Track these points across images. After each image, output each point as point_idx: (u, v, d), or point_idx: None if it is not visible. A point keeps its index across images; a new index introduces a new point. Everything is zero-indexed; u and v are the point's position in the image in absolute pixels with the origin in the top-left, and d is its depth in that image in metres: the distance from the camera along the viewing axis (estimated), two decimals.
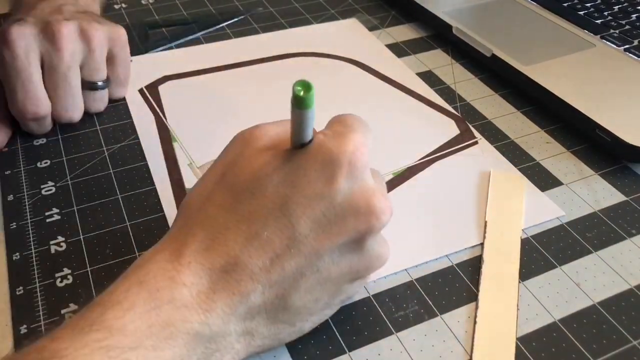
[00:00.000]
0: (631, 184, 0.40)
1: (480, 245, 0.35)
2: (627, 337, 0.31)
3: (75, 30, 0.40)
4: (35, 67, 0.39)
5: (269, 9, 0.61)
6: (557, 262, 0.35)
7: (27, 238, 0.35)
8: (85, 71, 0.42)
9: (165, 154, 0.42)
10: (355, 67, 0.52)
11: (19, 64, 0.38)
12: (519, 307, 0.32)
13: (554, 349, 0.30)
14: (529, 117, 0.46)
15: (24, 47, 0.38)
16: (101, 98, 0.44)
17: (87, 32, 0.41)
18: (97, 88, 0.43)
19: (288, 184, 0.25)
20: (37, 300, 0.31)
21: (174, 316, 0.23)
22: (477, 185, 0.39)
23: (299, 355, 0.29)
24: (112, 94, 0.46)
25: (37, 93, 0.40)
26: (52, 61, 0.39)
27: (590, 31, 0.53)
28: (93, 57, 0.41)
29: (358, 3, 0.62)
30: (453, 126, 0.45)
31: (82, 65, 0.41)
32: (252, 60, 0.52)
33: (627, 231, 0.37)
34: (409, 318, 0.31)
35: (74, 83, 0.41)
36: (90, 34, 0.41)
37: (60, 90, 0.40)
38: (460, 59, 0.53)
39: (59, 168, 0.40)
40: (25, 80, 0.39)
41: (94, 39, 0.41)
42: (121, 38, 0.44)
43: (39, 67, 0.39)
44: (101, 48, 0.42)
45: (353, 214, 0.25)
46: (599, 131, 0.42)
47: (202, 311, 0.24)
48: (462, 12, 0.56)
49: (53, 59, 0.39)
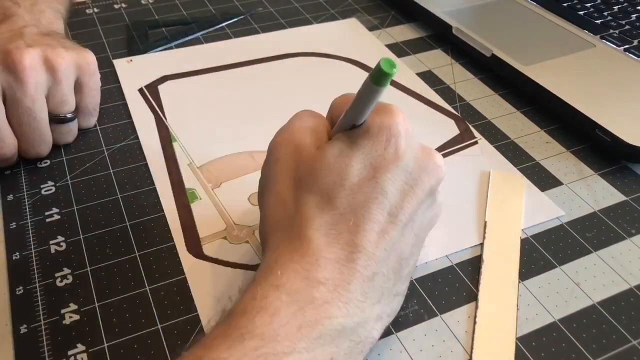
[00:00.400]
0: (631, 184, 0.40)
1: (480, 245, 0.35)
2: (627, 337, 0.31)
3: (39, 59, 0.37)
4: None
5: (269, 9, 0.61)
6: (556, 262, 0.35)
7: (27, 238, 0.35)
8: (51, 103, 0.38)
9: (165, 154, 0.42)
10: (355, 67, 0.52)
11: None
12: (518, 307, 0.32)
13: (553, 349, 0.30)
14: (528, 117, 0.46)
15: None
16: (69, 131, 0.41)
17: (52, 61, 0.37)
18: (65, 121, 0.40)
19: (369, 167, 0.27)
20: (37, 300, 0.31)
21: (319, 315, 0.23)
22: (477, 185, 0.39)
23: None
24: (80, 124, 0.42)
25: (2, 133, 0.36)
26: (14, 95, 0.36)
27: (590, 31, 0.53)
28: (59, 88, 0.38)
29: (358, 3, 0.62)
30: (453, 126, 0.45)
31: (48, 96, 0.38)
32: (252, 60, 0.52)
33: (626, 231, 0.37)
34: (409, 318, 0.31)
35: (40, 117, 0.37)
36: (56, 62, 0.37)
37: (25, 126, 0.37)
38: (460, 59, 0.53)
39: (58, 168, 0.40)
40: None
41: (60, 68, 0.37)
42: (90, 65, 0.40)
43: (1, 104, 0.36)
44: (67, 78, 0.38)
45: (425, 173, 0.28)
46: (599, 131, 0.42)
47: (342, 304, 0.24)
48: (462, 12, 0.56)
49: (16, 93, 0.36)
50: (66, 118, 0.40)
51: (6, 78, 0.36)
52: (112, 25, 0.57)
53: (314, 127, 0.29)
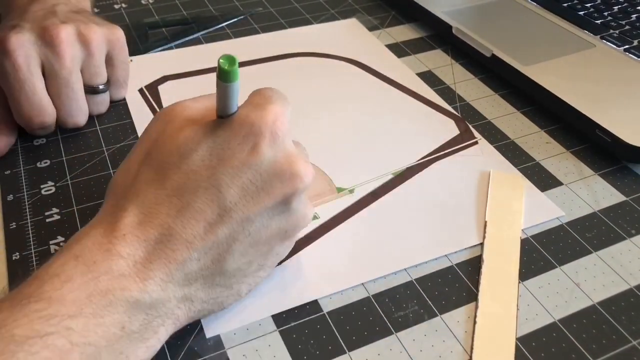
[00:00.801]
0: (631, 184, 0.40)
1: (480, 245, 0.35)
2: (627, 337, 0.31)
3: (74, 34, 0.39)
4: (38, 77, 0.39)
5: (269, 9, 0.61)
6: (556, 262, 0.35)
7: (27, 238, 0.35)
8: (85, 75, 0.41)
9: None
10: (355, 67, 0.52)
11: (21, 75, 0.38)
12: (518, 307, 0.32)
13: (553, 349, 0.30)
14: (529, 117, 0.46)
15: (24, 56, 0.38)
16: (102, 101, 0.44)
17: (85, 36, 0.40)
18: (99, 92, 0.43)
19: (214, 156, 0.26)
20: None
21: (112, 285, 0.24)
22: (477, 185, 0.39)
23: (299, 355, 0.29)
24: (112, 95, 0.45)
25: (42, 103, 0.39)
26: (53, 67, 0.39)
27: (590, 31, 0.53)
28: (92, 60, 0.41)
29: (358, 3, 0.62)
30: (453, 126, 0.45)
31: (82, 68, 0.41)
32: (252, 60, 0.52)
33: (626, 231, 0.37)
34: (409, 318, 0.31)
35: (76, 88, 0.40)
36: (89, 37, 0.40)
37: (63, 96, 0.40)
38: (460, 59, 0.53)
39: (58, 168, 0.40)
40: (29, 91, 0.38)
41: (93, 42, 0.40)
42: (119, 39, 0.43)
43: (41, 76, 0.39)
44: (100, 51, 0.41)
45: (279, 179, 0.27)
46: (599, 131, 0.42)
47: (139, 280, 0.25)
48: (462, 12, 0.56)
49: (54, 65, 0.39)
50: (99, 89, 0.43)
51: (44, 52, 0.38)
52: None
53: (203, 110, 0.29)
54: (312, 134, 0.43)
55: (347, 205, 0.38)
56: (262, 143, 0.27)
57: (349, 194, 0.39)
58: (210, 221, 0.26)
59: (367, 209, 0.37)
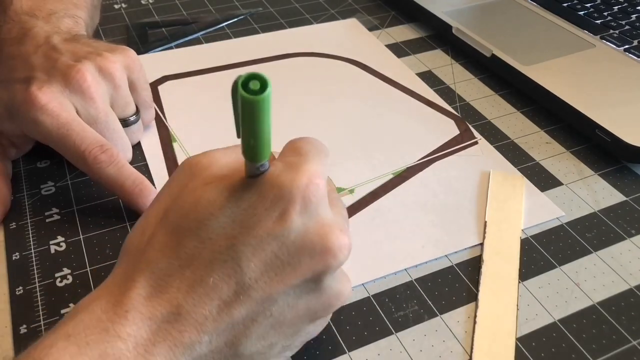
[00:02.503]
0: (631, 184, 0.40)
1: (480, 245, 0.35)
2: (627, 337, 0.31)
3: (96, 72, 0.37)
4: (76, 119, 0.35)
5: (269, 9, 0.61)
6: (556, 262, 0.35)
7: (27, 238, 0.35)
8: (116, 110, 0.38)
9: (165, 154, 0.42)
10: (355, 67, 0.52)
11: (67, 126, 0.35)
12: (518, 307, 0.32)
13: (553, 349, 0.30)
14: (528, 117, 0.46)
15: (59, 106, 0.35)
16: (138, 129, 0.41)
17: (106, 69, 0.37)
18: (131, 123, 0.40)
19: (236, 224, 0.23)
20: (36, 300, 0.31)
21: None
22: (477, 185, 0.39)
23: (299, 355, 0.29)
24: (144, 119, 0.42)
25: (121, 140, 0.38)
26: (89, 113, 0.36)
27: (590, 31, 0.53)
28: (120, 92, 0.38)
29: (358, 3, 0.62)
30: (453, 126, 0.45)
31: (111, 103, 0.38)
32: (251, 60, 0.52)
33: (626, 231, 0.37)
34: (409, 318, 0.31)
35: (117, 128, 0.38)
36: (110, 70, 0.37)
37: (107, 139, 0.37)
38: (460, 59, 0.53)
39: (58, 168, 0.40)
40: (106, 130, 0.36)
41: (117, 75, 0.38)
42: (135, 62, 0.40)
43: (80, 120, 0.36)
44: (125, 82, 0.39)
45: (308, 254, 0.23)
46: (599, 131, 0.42)
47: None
48: (462, 12, 0.56)
49: (89, 111, 0.36)
50: (131, 120, 0.40)
51: (75, 99, 0.36)
52: (112, 25, 0.57)
53: (232, 164, 0.25)
54: (312, 134, 0.43)
55: (347, 205, 0.38)
56: (291, 210, 0.23)
57: (349, 194, 0.39)
58: (226, 299, 0.23)
59: (367, 209, 0.37)
